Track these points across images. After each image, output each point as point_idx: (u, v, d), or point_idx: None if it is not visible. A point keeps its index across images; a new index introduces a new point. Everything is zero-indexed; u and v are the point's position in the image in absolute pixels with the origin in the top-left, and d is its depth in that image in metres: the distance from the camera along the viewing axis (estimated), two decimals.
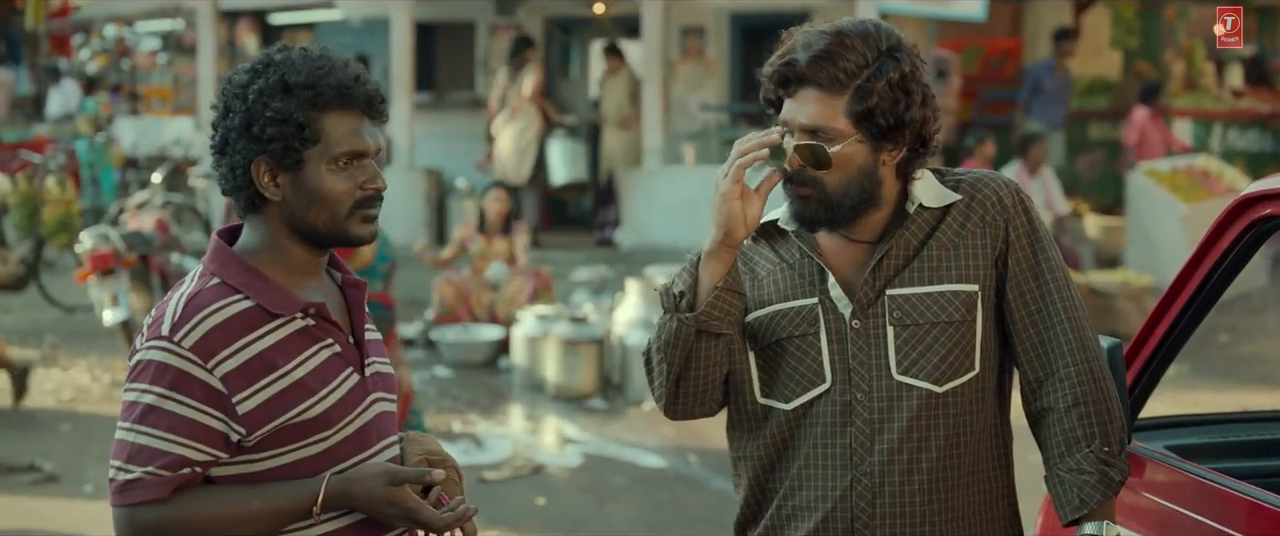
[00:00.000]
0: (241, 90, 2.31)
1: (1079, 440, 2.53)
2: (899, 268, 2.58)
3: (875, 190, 2.56)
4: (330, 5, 15.59)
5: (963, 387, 2.56)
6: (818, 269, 2.62)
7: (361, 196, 2.34)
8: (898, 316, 2.56)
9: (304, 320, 2.35)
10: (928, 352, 2.55)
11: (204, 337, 2.26)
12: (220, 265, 2.35)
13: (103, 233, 9.51)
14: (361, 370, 2.41)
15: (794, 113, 2.55)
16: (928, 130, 2.57)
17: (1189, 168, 12.13)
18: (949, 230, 2.58)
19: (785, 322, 2.61)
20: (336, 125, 2.32)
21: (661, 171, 12.86)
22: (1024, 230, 2.59)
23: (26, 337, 10.56)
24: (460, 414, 8.63)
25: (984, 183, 2.61)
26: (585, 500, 7.04)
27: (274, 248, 2.36)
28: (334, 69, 2.34)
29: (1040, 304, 2.57)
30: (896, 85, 2.51)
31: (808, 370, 2.60)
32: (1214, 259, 2.85)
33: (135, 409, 2.27)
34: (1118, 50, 14.55)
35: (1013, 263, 2.58)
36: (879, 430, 2.56)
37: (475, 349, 9.94)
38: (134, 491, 2.26)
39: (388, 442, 2.45)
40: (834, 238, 2.63)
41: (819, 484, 2.60)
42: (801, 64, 2.53)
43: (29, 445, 7.71)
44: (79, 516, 6.57)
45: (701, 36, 14.84)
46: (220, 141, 2.34)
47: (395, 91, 13.28)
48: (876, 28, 2.55)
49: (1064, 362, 2.55)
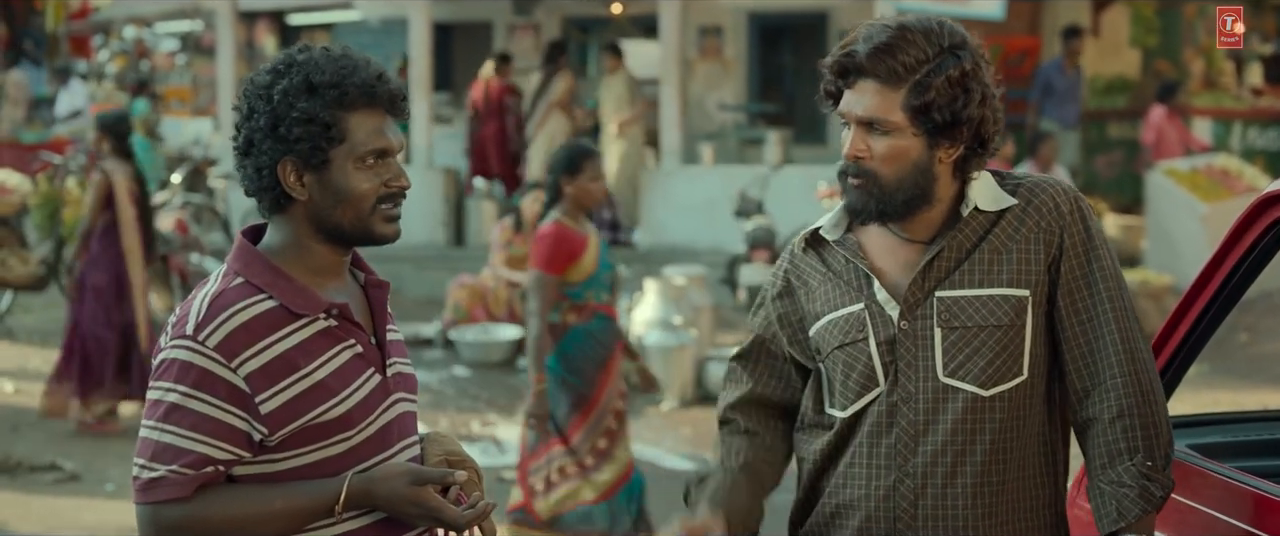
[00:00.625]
0: (265, 91, 2.32)
1: (1122, 452, 2.51)
2: (950, 269, 2.57)
3: (929, 186, 2.56)
4: (349, 6, 15.65)
5: (1009, 393, 2.55)
6: (863, 274, 2.63)
7: (386, 194, 2.35)
8: (946, 318, 2.55)
9: (326, 320, 2.35)
10: (975, 355, 2.54)
11: (228, 337, 2.27)
12: (244, 264, 2.36)
13: None
14: (383, 370, 2.41)
15: (852, 104, 2.56)
16: (986, 130, 2.56)
17: (1208, 167, 12.09)
18: (1003, 234, 2.57)
19: (836, 332, 2.63)
20: (361, 124, 2.33)
21: (679, 171, 12.87)
22: (1079, 237, 2.57)
23: (48, 337, 10.61)
24: (479, 413, 8.64)
25: (1042, 187, 2.60)
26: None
27: (298, 247, 2.37)
28: (357, 68, 2.34)
29: (1090, 313, 2.55)
30: (956, 82, 2.51)
31: (861, 376, 2.60)
32: (1235, 259, 2.85)
33: (159, 407, 2.28)
34: (1137, 49, 14.52)
35: (1066, 269, 2.56)
36: (923, 432, 2.56)
37: (494, 348, 9.96)
38: (158, 489, 2.27)
39: (408, 442, 2.46)
40: (885, 236, 2.64)
41: (863, 482, 2.61)
42: (861, 55, 2.53)
43: (50, 444, 7.74)
44: (100, 515, 6.61)
45: (719, 36, 14.86)
46: (244, 142, 2.34)
47: (413, 92, 13.30)
48: (940, 25, 2.55)
49: (1111, 373, 2.53)
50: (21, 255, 11.08)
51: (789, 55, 15.28)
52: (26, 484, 7.10)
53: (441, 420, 8.40)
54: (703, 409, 8.74)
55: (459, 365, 9.88)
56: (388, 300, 2.48)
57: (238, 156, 2.36)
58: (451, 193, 13.38)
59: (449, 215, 13.34)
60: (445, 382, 9.41)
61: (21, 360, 10.01)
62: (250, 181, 2.35)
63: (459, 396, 9.06)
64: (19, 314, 11.44)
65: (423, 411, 8.42)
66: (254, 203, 2.41)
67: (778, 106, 14.62)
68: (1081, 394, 2.57)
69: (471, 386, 9.34)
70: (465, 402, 8.90)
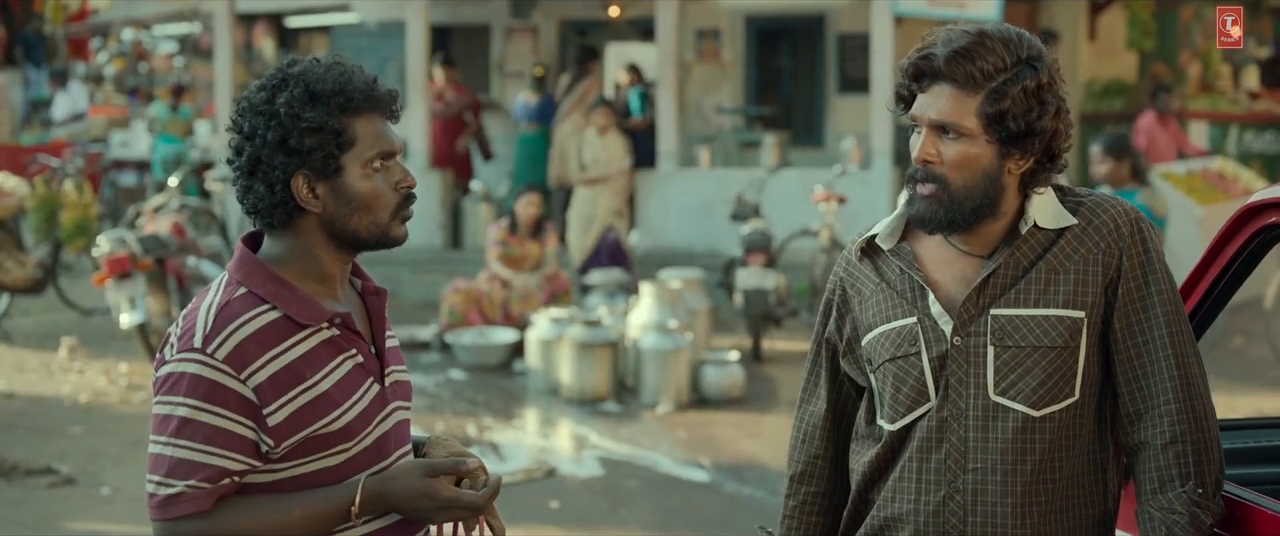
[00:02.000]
0: (266, 107, 2.31)
1: (1173, 479, 2.50)
2: (1006, 287, 2.55)
3: (997, 197, 2.54)
4: (346, 8, 15.66)
5: (1060, 413, 2.54)
6: (918, 286, 2.61)
7: (402, 197, 2.38)
8: (999, 336, 2.53)
9: (330, 330, 2.36)
10: (1027, 375, 2.53)
11: (237, 349, 2.27)
12: (247, 274, 2.35)
13: (119, 236, 9.58)
14: (382, 380, 2.42)
15: (926, 107, 2.54)
16: (1058, 144, 2.54)
17: (1205, 170, 12.11)
18: (1061, 253, 2.55)
19: (888, 344, 2.61)
20: (367, 128, 2.34)
21: (676, 174, 12.87)
22: (1139, 260, 2.55)
23: (45, 340, 10.63)
24: (475, 417, 8.65)
25: (1104, 208, 2.58)
26: (598, 503, 7.06)
27: (304, 257, 2.36)
28: (354, 73, 2.36)
29: (1145, 336, 2.54)
30: (1032, 93, 2.50)
31: (912, 390, 2.59)
32: (1221, 266, 2.86)
33: (170, 423, 2.27)
34: (1133, 52, 14.54)
35: (1123, 292, 2.55)
36: (973, 449, 2.55)
37: (490, 352, 9.97)
38: (177, 505, 2.26)
39: (404, 450, 2.47)
40: (943, 248, 2.62)
41: (912, 497, 2.60)
42: (939, 59, 2.51)
43: (46, 447, 7.75)
44: (96, 518, 6.61)
45: (717, 39, 14.87)
46: (249, 162, 2.31)
47: (411, 95, 13.32)
48: (1019, 36, 2.54)
49: (1166, 398, 2.52)
50: (18, 258, 11.09)
51: (786, 58, 15.28)
52: (22, 487, 7.10)
53: (438, 424, 8.41)
54: (697, 412, 8.75)
55: (455, 368, 9.90)
56: (386, 307, 2.48)
57: (242, 177, 2.34)
58: (449, 196, 13.39)
59: (446, 218, 13.36)
60: (442, 386, 9.43)
61: (19, 363, 10.02)
62: (260, 200, 2.33)
63: (455, 400, 9.07)
64: (16, 316, 11.45)
65: (419, 415, 8.47)
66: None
67: (775, 109, 14.63)
68: (1133, 417, 2.55)
69: (468, 390, 9.35)
70: (461, 406, 8.91)
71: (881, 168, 11.97)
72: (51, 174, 12.94)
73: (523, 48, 15.50)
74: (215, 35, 14.88)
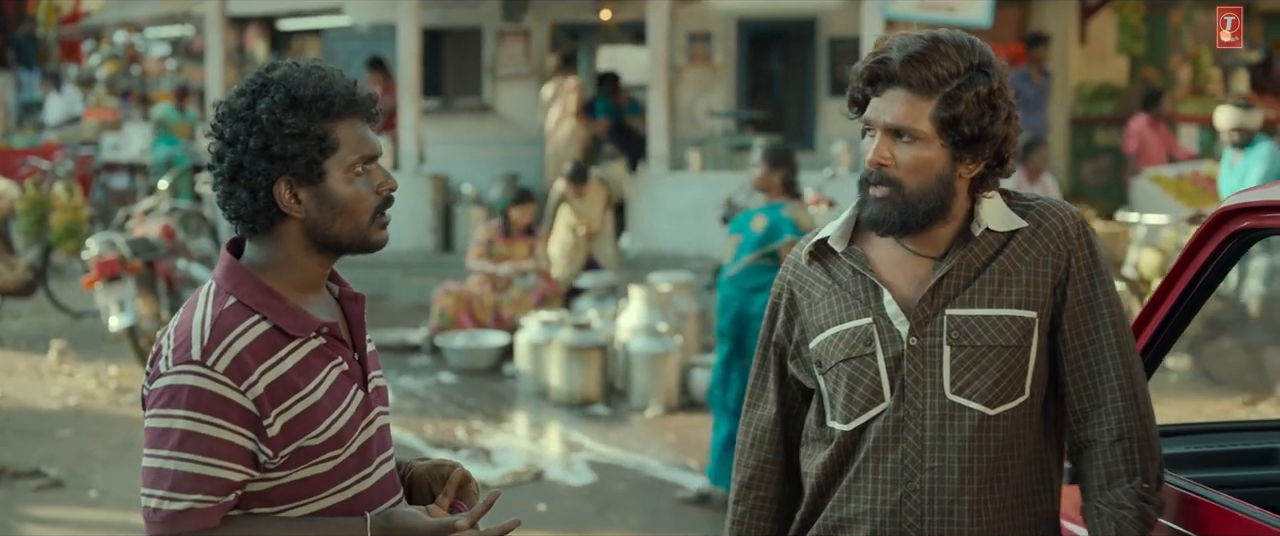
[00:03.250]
0: (247, 112, 2.30)
1: (1121, 474, 2.55)
2: (960, 288, 2.59)
3: (949, 200, 2.58)
4: (338, 11, 15.66)
5: (1012, 412, 2.58)
6: (872, 286, 2.63)
7: (380, 201, 2.37)
8: (955, 336, 2.57)
9: (318, 340, 2.36)
10: (982, 374, 2.56)
11: (236, 360, 2.26)
12: (235, 283, 2.34)
13: (109, 239, 9.58)
14: (365, 386, 2.43)
15: (881, 111, 2.57)
16: (1007, 149, 2.59)
17: (1194, 174, 12.13)
18: (1013, 255, 2.59)
19: (842, 345, 2.63)
20: (348, 132, 2.34)
21: (667, 177, 12.88)
22: (1085, 262, 2.61)
23: (34, 343, 10.62)
24: (464, 420, 8.66)
25: (1052, 211, 2.63)
26: (586, 506, 7.07)
27: (286, 264, 2.36)
28: (334, 78, 2.35)
29: (1093, 336, 2.59)
30: (984, 98, 2.54)
31: (867, 390, 2.61)
32: (1194, 271, 2.88)
33: (170, 436, 2.25)
34: (1124, 56, 14.56)
35: (1072, 293, 2.59)
36: (930, 448, 2.58)
37: (480, 355, 9.98)
38: (185, 521, 2.25)
39: (386, 456, 2.47)
40: (895, 250, 2.64)
41: (868, 497, 2.61)
42: (895, 63, 2.54)
43: (34, 450, 7.75)
44: (83, 521, 6.62)
45: (708, 42, 14.88)
46: (231, 169, 2.31)
47: (402, 98, 13.33)
48: (971, 42, 2.58)
49: (1113, 396, 2.58)
50: (9, 260, 11.09)
51: (778, 62, 15.29)
52: (10, 489, 7.10)
53: (427, 427, 8.42)
54: (687, 416, 8.76)
55: (445, 371, 9.90)
56: (365, 312, 2.48)
57: (224, 183, 2.33)
58: (440, 199, 13.39)
59: (437, 221, 13.36)
60: (431, 389, 9.43)
61: (8, 365, 10.01)
62: (242, 206, 2.32)
63: (445, 403, 9.08)
64: (6, 319, 11.44)
65: (410, 418, 8.50)
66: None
67: (766, 113, 14.64)
68: (1080, 415, 2.60)
69: (457, 393, 9.36)
70: (451, 409, 8.92)
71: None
72: (42, 176, 12.93)
73: (515, 51, 15.50)
74: (207, 38, 14.88)
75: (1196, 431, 3.34)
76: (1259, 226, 2.77)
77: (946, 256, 2.60)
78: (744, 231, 6.80)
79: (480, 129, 15.17)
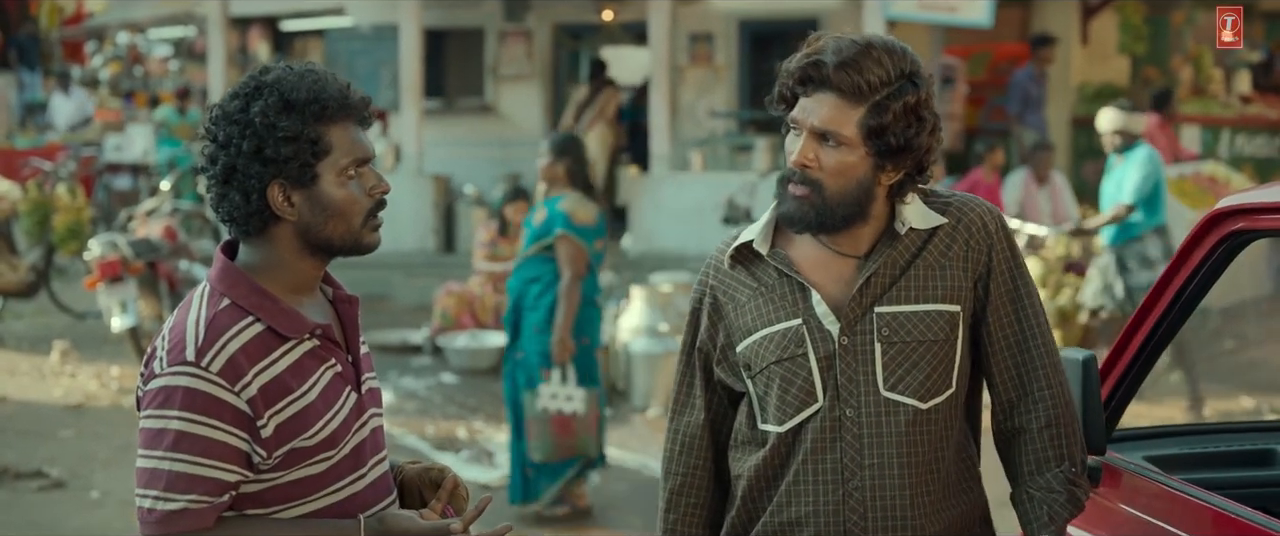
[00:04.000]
0: (241, 116, 2.30)
1: (1050, 460, 2.62)
2: (887, 286, 2.61)
3: (867, 205, 2.60)
4: (340, 12, 15.66)
5: (942, 405, 2.61)
6: (799, 287, 2.64)
7: (373, 204, 2.38)
8: (886, 334, 2.59)
9: (311, 341, 2.37)
10: (913, 370, 2.59)
11: (230, 361, 2.27)
12: (229, 285, 2.35)
13: (111, 240, 9.60)
14: (358, 388, 2.43)
15: (809, 112, 2.58)
16: (928, 160, 2.61)
17: (1196, 174, 12.11)
18: (935, 251, 2.62)
19: (772, 347, 2.63)
20: (341, 135, 2.34)
21: (668, 178, 12.90)
22: (1005, 256, 2.64)
23: (37, 343, 10.64)
24: (466, 421, 8.67)
25: (970, 207, 2.66)
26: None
27: (279, 266, 2.37)
28: (327, 81, 2.36)
29: (1018, 328, 2.64)
30: (911, 109, 2.55)
31: (799, 391, 2.61)
32: (1189, 271, 2.88)
33: (165, 437, 2.25)
34: (1125, 56, 14.56)
35: (994, 287, 2.63)
36: (869, 445, 2.59)
37: (481, 355, 9.98)
38: (180, 521, 2.26)
39: (379, 458, 2.48)
40: (818, 251, 2.65)
41: (810, 499, 2.62)
42: (828, 66, 2.55)
43: (37, 451, 7.77)
44: (85, 522, 6.63)
45: (710, 42, 14.88)
46: (224, 171, 2.31)
47: (404, 98, 13.34)
48: (903, 50, 2.59)
49: (1040, 386, 2.63)
50: (11, 261, 11.10)
51: (779, 62, 15.19)
52: (12, 490, 7.12)
53: (428, 427, 8.43)
54: None
55: (447, 372, 9.91)
56: (359, 314, 2.49)
57: (217, 186, 2.33)
58: (441, 200, 13.41)
59: (439, 222, 13.37)
60: (433, 390, 9.44)
61: (11, 366, 10.03)
62: (235, 209, 2.33)
63: (446, 403, 9.09)
64: (9, 320, 11.47)
65: (411, 418, 8.50)
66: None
67: (767, 113, 14.65)
68: (1007, 405, 2.66)
69: (459, 394, 9.37)
70: (453, 410, 8.93)
71: None
72: (45, 177, 12.95)
73: (516, 51, 15.51)
74: (209, 39, 14.90)
75: (1198, 432, 3.35)
76: (1253, 227, 2.78)
77: (871, 255, 2.62)
78: (527, 224, 6.81)
79: (482, 129, 15.17)
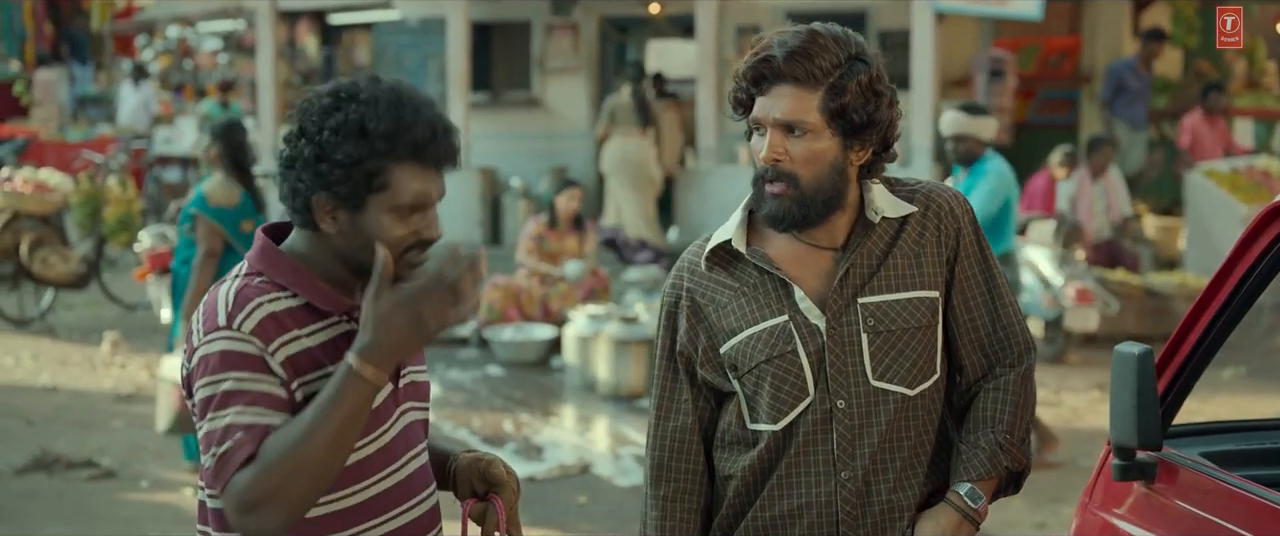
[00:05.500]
0: (319, 119, 2.27)
1: (988, 422, 2.67)
2: (867, 276, 2.65)
3: (844, 189, 2.64)
4: (388, 5, 15.73)
5: (929, 391, 2.68)
6: (781, 284, 2.66)
7: (415, 242, 2.32)
8: (872, 324, 2.63)
9: (349, 324, 2.35)
10: (899, 358, 2.64)
11: (260, 324, 2.27)
12: (268, 264, 2.35)
13: (161, 232, 9.65)
14: (396, 379, 2.41)
15: (769, 108, 2.61)
16: (892, 134, 2.67)
17: (1249, 168, 11.98)
18: (909, 239, 2.67)
19: (760, 346, 2.64)
20: (407, 178, 2.28)
21: (715, 170, 12.87)
22: (971, 237, 2.71)
23: (88, 334, 10.74)
24: (512, 413, 8.68)
25: (937, 193, 2.73)
26: (631, 500, 7.06)
27: (326, 257, 2.35)
28: (416, 122, 2.28)
29: (992, 306, 2.71)
30: (867, 86, 2.60)
31: (792, 387, 2.64)
32: (1247, 266, 2.84)
33: (214, 399, 2.25)
34: (1178, 49, 14.41)
35: (962, 268, 2.70)
36: (860, 436, 2.63)
37: (528, 348, 10.00)
38: (231, 460, 2.21)
39: (416, 452, 2.45)
40: (794, 246, 2.67)
41: (801, 492, 2.64)
42: (779, 60, 2.59)
43: (88, 440, 7.84)
44: (135, 511, 6.68)
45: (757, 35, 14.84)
46: (287, 158, 2.31)
47: (451, 91, 13.37)
48: (846, 33, 2.64)
49: (1011, 360, 2.70)
50: (63, 253, 11.20)
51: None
52: (64, 479, 7.18)
53: (475, 419, 8.45)
54: None
55: (493, 365, 9.93)
56: None
57: (281, 168, 2.33)
58: (488, 192, 13.43)
59: (485, 215, 13.40)
60: (479, 382, 9.46)
61: (62, 356, 10.13)
62: (284, 196, 2.33)
63: (492, 396, 9.10)
64: (60, 311, 11.58)
65: (458, 411, 8.52)
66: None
67: None
68: (973, 379, 2.72)
69: (505, 386, 9.38)
70: (499, 402, 8.94)
71: (921, 164, 11.92)
72: (96, 169, 13.07)
73: (563, 45, 15.53)
74: (258, 32, 14.99)
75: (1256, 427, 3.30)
76: None
77: (848, 247, 2.67)
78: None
79: (529, 122, 15.20)
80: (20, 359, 10.05)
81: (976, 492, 2.63)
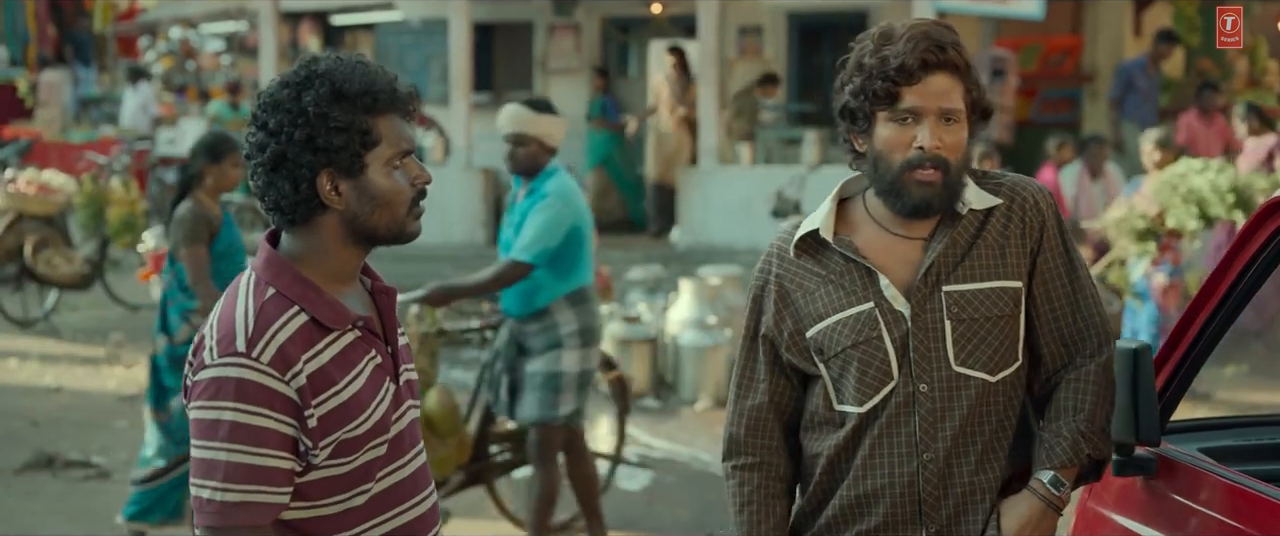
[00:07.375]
0: (293, 105, 2.31)
1: (1070, 410, 2.72)
2: (952, 266, 2.71)
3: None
4: (390, 6, 15.74)
5: (1010, 377, 2.73)
6: (867, 272, 2.72)
7: (416, 193, 2.39)
8: (955, 312, 2.69)
9: (354, 333, 2.38)
10: (981, 345, 2.69)
11: (279, 351, 2.28)
12: (274, 274, 2.36)
13: (164, 233, 9.67)
14: (397, 379, 2.44)
15: (929, 98, 2.65)
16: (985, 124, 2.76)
17: None
18: (994, 230, 2.73)
19: (846, 331, 2.72)
20: (388, 127, 2.36)
21: (717, 171, 12.88)
22: (1057, 229, 2.76)
23: (91, 335, 10.75)
24: None
25: (1022, 186, 2.77)
26: (636, 499, 7.08)
27: (323, 255, 2.37)
28: (377, 73, 2.37)
29: (1073, 298, 2.75)
30: (979, 78, 2.73)
31: (877, 371, 2.71)
32: (1243, 263, 2.86)
33: (220, 427, 2.26)
34: (1179, 47, 14.41)
35: (1045, 260, 2.74)
36: (941, 419, 2.69)
37: None
38: (239, 514, 2.26)
39: (417, 450, 2.48)
40: (881, 236, 2.74)
41: (885, 472, 2.71)
42: (948, 48, 2.65)
43: (91, 441, 7.85)
44: None
45: (759, 36, 14.86)
46: (273, 159, 2.31)
47: (453, 92, 13.38)
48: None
49: (1091, 351, 2.74)
50: (66, 254, 11.22)
51: (829, 55, 15.24)
52: (67, 479, 7.20)
53: None
54: None
55: None
56: (396, 306, 2.49)
57: (264, 174, 2.33)
58: (490, 192, 13.44)
59: (488, 215, 13.41)
60: None
61: (66, 357, 10.14)
62: (283, 197, 2.33)
63: None
64: (64, 312, 11.60)
65: None
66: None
67: (817, 106, 14.62)
68: (1053, 371, 2.76)
69: None
70: None
71: None
72: (99, 171, 13.08)
73: (565, 45, 15.54)
74: (261, 33, 15.01)
75: (1254, 423, 3.32)
76: None
77: (935, 237, 2.72)
78: None
79: None
80: (24, 360, 10.07)
81: (1060, 480, 2.69)
